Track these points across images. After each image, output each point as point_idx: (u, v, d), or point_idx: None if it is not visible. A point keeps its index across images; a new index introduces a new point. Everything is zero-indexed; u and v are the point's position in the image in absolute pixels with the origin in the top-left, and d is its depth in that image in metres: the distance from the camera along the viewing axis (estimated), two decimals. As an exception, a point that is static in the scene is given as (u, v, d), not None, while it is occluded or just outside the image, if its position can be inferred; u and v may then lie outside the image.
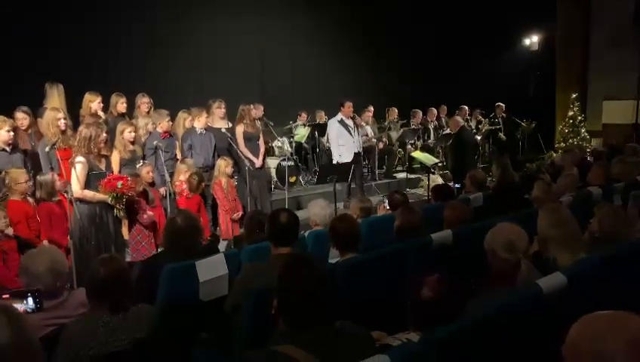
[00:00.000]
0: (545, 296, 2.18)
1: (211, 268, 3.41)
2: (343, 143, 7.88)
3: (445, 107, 11.53)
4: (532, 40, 13.13)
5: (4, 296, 2.04)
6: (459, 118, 8.06)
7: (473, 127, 10.84)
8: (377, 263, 3.00)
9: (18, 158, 4.99)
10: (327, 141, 9.51)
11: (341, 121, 7.93)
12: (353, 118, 8.04)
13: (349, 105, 7.96)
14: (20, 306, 2.27)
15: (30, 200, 4.62)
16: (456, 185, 7.03)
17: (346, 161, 7.69)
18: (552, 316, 2.16)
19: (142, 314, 2.44)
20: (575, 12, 12.66)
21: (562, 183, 4.87)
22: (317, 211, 4.18)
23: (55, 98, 5.68)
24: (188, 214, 3.58)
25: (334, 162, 7.84)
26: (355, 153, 7.90)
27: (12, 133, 4.89)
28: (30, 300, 2.05)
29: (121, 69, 7.96)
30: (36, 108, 5.66)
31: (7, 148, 4.86)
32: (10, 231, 4.26)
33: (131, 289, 2.47)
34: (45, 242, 4.53)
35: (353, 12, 11.56)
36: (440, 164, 9.22)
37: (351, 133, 7.89)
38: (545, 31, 13.09)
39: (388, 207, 5.13)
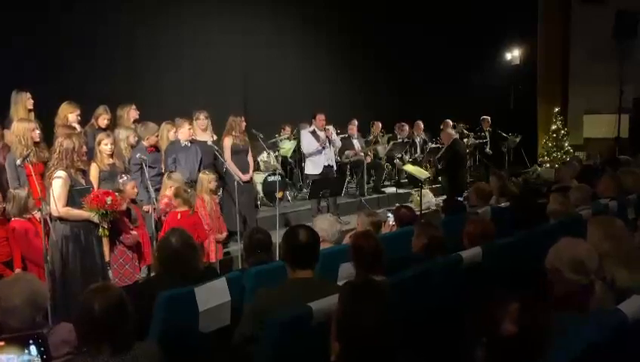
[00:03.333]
0: (630, 325, 1.85)
1: (212, 295, 3.00)
2: (313, 156, 7.62)
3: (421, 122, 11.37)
4: (513, 54, 13.14)
5: None
6: (451, 131, 7.83)
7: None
8: (410, 284, 2.65)
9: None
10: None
11: (313, 132, 7.63)
12: (325, 130, 7.73)
13: (320, 117, 7.66)
14: (19, 358, 1.72)
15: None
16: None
17: (315, 173, 7.49)
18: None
19: (148, 354, 2.02)
20: (556, 26, 12.76)
21: (575, 196, 4.62)
22: (325, 227, 3.80)
23: (22, 107, 5.18)
24: (183, 233, 3.17)
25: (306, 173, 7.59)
26: (325, 166, 7.59)
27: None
28: (33, 349, 1.53)
29: (98, 79, 7.47)
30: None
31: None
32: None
33: (133, 324, 2.04)
34: (18, 270, 4.02)
35: (336, 25, 11.38)
36: (430, 178, 8.96)
37: (322, 146, 7.59)
38: (526, 45, 13.11)
39: (393, 223, 4.80)
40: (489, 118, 11.14)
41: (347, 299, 1.41)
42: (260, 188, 7.99)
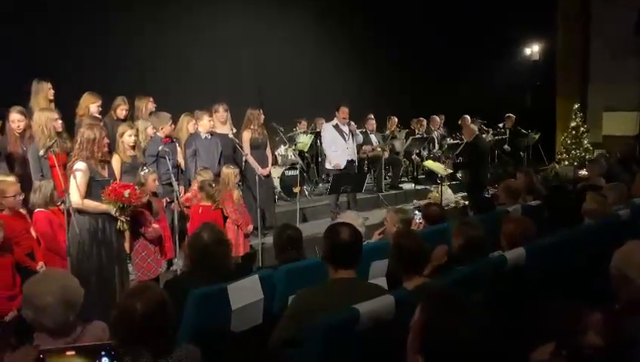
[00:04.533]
0: None
1: (245, 293, 2.89)
2: (335, 149, 7.42)
3: (443, 116, 11.22)
4: (533, 50, 12.91)
5: (68, 353, 1.40)
6: (473, 126, 7.66)
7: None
8: (456, 287, 2.52)
9: (4, 165, 4.39)
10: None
11: (336, 126, 7.47)
12: (349, 125, 7.59)
13: (344, 110, 7.48)
14: None
15: (23, 211, 4.02)
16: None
17: (338, 168, 7.28)
18: None
19: (190, 358, 1.90)
20: (575, 22, 12.50)
21: (612, 195, 4.46)
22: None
23: (43, 97, 5.08)
24: (215, 228, 3.06)
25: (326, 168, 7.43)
26: (348, 160, 7.44)
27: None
28: (105, 360, 1.40)
29: (115, 70, 7.39)
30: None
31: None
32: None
33: (174, 326, 1.93)
34: (41, 263, 3.92)
35: (353, 20, 11.26)
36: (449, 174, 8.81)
37: (345, 140, 7.42)
38: (545, 41, 12.89)
39: (420, 221, 4.67)
40: (514, 116, 10.94)
41: (436, 309, 1.29)
42: (277, 182, 7.88)
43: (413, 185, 9.46)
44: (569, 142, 11.98)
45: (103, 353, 1.39)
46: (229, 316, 2.80)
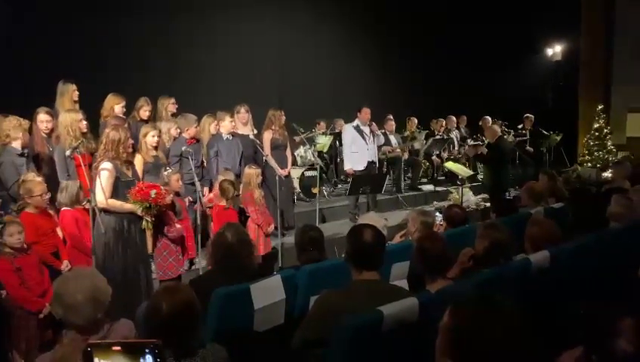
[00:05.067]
0: None
1: (267, 293, 2.91)
2: (356, 150, 7.40)
3: (465, 117, 11.14)
4: (555, 50, 12.74)
5: (114, 348, 1.44)
6: (496, 127, 7.58)
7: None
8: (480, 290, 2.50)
9: (32, 165, 4.48)
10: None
11: (357, 127, 7.45)
12: (370, 125, 7.57)
13: (366, 111, 7.46)
14: None
15: (50, 211, 4.10)
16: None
17: (358, 169, 7.27)
18: None
19: (216, 356, 1.92)
20: (599, 22, 12.31)
21: (638, 198, 4.38)
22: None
23: (68, 98, 5.16)
24: (238, 228, 3.09)
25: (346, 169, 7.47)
26: (368, 161, 7.42)
27: (27, 136, 4.39)
28: (149, 358, 1.45)
29: (137, 72, 7.48)
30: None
31: (25, 152, 4.37)
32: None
33: (199, 327, 1.95)
34: (66, 262, 4.00)
35: (372, 21, 11.24)
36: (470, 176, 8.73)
37: (366, 141, 7.40)
38: (568, 41, 12.71)
39: (441, 223, 4.64)
40: (532, 116, 10.80)
41: (468, 313, 1.28)
42: (296, 183, 7.91)
43: (432, 186, 9.41)
44: (592, 143, 11.80)
45: (147, 351, 1.42)
46: (252, 315, 2.82)
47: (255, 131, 6.45)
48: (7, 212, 4.17)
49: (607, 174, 9.50)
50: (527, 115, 10.84)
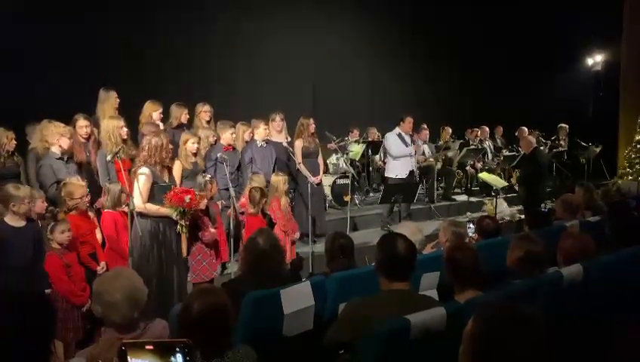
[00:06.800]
0: None
1: (297, 298, 2.96)
2: (398, 158, 7.44)
3: (501, 128, 10.98)
4: (595, 60, 12.46)
5: (147, 347, 1.52)
6: (532, 139, 7.47)
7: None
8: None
9: (73, 169, 4.67)
10: (381, 158, 9.06)
11: (399, 135, 7.47)
12: (411, 135, 7.56)
13: (409, 121, 7.49)
14: None
15: (91, 214, 4.28)
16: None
17: (399, 177, 7.29)
18: None
19: (246, 357, 1.98)
20: (640, 33, 11.99)
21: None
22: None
23: (109, 105, 5.35)
24: (270, 234, 3.15)
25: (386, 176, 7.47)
26: (409, 170, 7.41)
27: (71, 141, 4.58)
28: (180, 357, 1.51)
29: (173, 79, 7.68)
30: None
31: (64, 158, 4.56)
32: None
33: (231, 329, 2.01)
34: (103, 264, 4.17)
35: (407, 30, 11.20)
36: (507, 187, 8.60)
37: (409, 150, 7.43)
38: (609, 51, 12.41)
39: (474, 234, 4.61)
40: (567, 126, 10.57)
41: (491, 324, 1.30)
42: (328, 190, 7.96)
43: (466, 196, 9.31)
44: (633, 156, 11.47)
45: (177, 349, 1.49)
46: (281, 320, 2.88)
47: (289, 139, 6.54)
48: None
49: (649, 187, 9.23)
50: (562, 124, 10.61)
